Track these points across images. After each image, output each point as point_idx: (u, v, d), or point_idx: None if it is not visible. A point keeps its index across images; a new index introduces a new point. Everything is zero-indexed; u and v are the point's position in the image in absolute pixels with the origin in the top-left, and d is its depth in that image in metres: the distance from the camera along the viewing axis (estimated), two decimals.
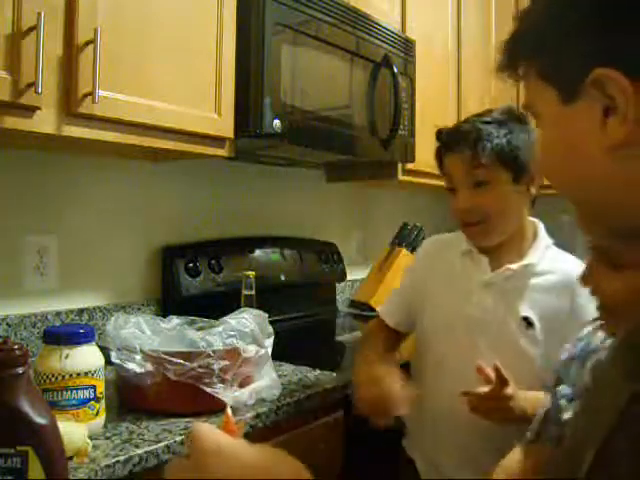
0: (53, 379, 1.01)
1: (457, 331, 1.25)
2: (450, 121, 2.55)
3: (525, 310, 1.21)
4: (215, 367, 1.13)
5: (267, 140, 1.53)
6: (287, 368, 1.47)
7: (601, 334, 0.94)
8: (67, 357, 1.02)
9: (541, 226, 1.35)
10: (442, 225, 2.98)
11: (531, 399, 1.08)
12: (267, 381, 1.24)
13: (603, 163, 0.48)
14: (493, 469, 0.99)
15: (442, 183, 2.25)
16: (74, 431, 0.94)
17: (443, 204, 1.40)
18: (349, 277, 2.33)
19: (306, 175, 2.24)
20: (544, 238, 1.31)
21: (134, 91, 1.26)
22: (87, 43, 1.16)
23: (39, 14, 1.06)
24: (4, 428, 0.73)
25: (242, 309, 1.32)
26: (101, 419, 1.07)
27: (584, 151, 0.50)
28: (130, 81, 1.26)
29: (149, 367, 1.12)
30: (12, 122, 1.09)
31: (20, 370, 0.74)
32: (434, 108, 2.22)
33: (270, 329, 1.27)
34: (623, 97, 0.45)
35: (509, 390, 1.06)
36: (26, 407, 0.73)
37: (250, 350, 1.19)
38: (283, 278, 2.01)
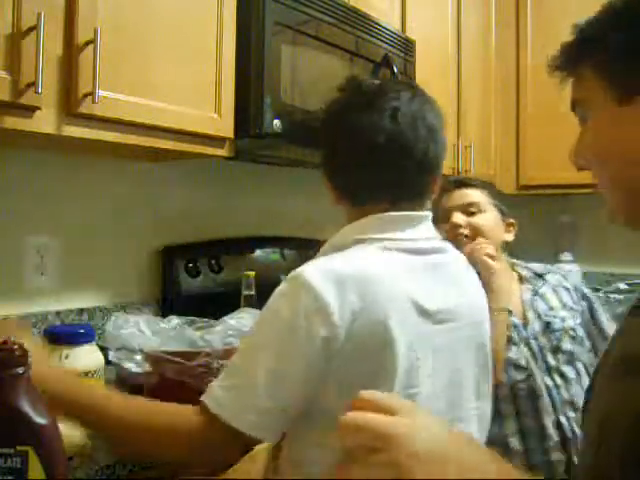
0: None
1: None
2: (449, 121, 2.56)
3: None
4: (214, 367, 1.13)
5: (267, 140, 1.52)
6: None
7: None
8: (67, 357, 1.02)
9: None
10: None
11: None
12: None
13: None
14: None
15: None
16: (74, 431, 0.94)
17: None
18: None
19: (306, 175, 2.23)
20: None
21: (134, 91, 1.26)
22: (87, 43, 1.16)
23: (39, 14, 1.06)
24: (4, 428, 0.73)
25: (242, 309, 1.32)
26: None
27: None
28: (130, 81, 1.26)
29: (149, 367, 1.12)
30: (12, 122, 1.09)
31: (20, 370, 0.74)
32: None
33: None
34: None
35: None
36: (26, 407, 0.73)
37: None
38: (283, 278, 2.00)
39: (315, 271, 0.89)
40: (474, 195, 1.65)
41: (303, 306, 0.85)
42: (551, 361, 1.51)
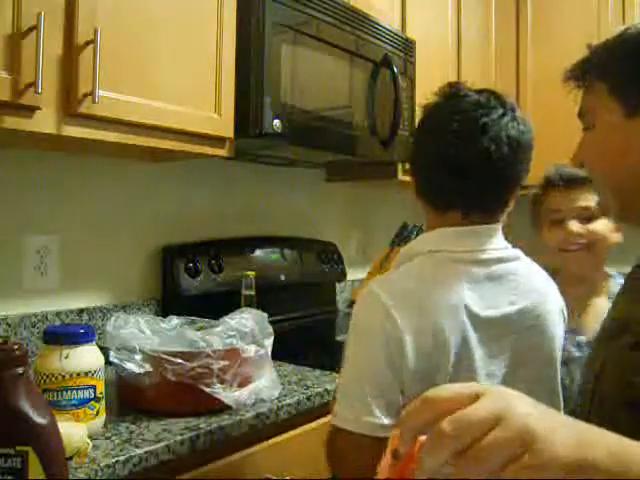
0: (53, 379, 1.01)
1: None
2: None
3: None
4: (215, 367, 1.13)
5: (267, 140, 1.52)
6: (287, 368, 1.47)
7: None
8: (67, 357, 1.02)
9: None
10: None
11: None
12: (267, 381, 1.24)
13: None
14: None
15: None
16: (74, 431, 0.94)
17: None
18: (349, 277, 2.33)
19: (306, 175, 2.24)
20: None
21: (134, 91, 1.26)
22: (87, 43, 1.16)
23: (39, 14, 1.06)
24: (4, 428, 0.73)
25: (242, 309, 1.32)
26: (101, 419, 1.07)
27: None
28: (130, 81, 1.26)
29: (148, 367, 1.12)
30: (12, 122, 1.09)
31: (20, 370, 0.74)
32: None
33: (270, 329, 1.27)
34: None
35: None
36: (26, 407, 0.73)
37: (250, 350, 1.19)
38: (283, 278, 2.01)
39: (381, 287, 0.99)
40: (591, 197, 1.40)
41: (377, 317, 0.96)
42: None
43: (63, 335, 1.05)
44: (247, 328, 1.22)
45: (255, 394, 1.19)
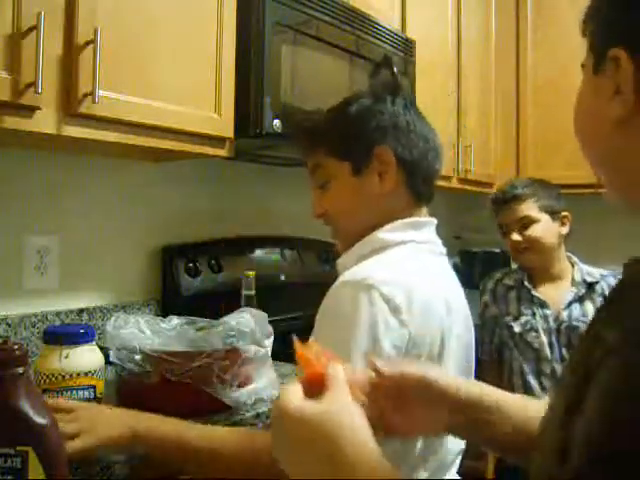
0: (53, 379, 1.01)
1: None
2: (450, 122, 2.56)
3: None
4: (215, 367, 1.13)
5: (267, 140, 1.53)
6: (287, 368, 1.47)
7: None
8: (67, 357, 1.02)
9: (389, 226, 1.01)
10: (442, 225, 2.98)
11: None
12: (267, 381, 1.23)
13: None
14: None
15: (442, 183, 2.25)
16: None
17: (442, 204, 1.40)
18: None
19: (306, 175, 2.23)
20: (376, 241, 1.00)
21: (134, 91, 1.26)
22: (87, 43, 1.16)
23: (39, 14, 1.06)
24: (4, 428, 0.73)
25: (242, 309, 1.31)
26: None
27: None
28: (130, 81, 1.26)
29: (148, 367, 1.12)
30: (12, 122, 1.09)
31: (20, 370, 0.74)
32: (434, 108, 2.22)
33: (270, 329, 1.26)
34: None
35: None
36: (26, 407, 0.73)
37: (250, 350, 1.19)
38: (283, 278, 2.01)
39: (379, 276, 0.90)
40: (523, 209, 1.86)
41: (379, 308, 0.87)
42: (565, 355, 1.80)
43: (63, 335, 1.05)
44: (247, 328, 1.22)
45: (255, 394, 1.19)
